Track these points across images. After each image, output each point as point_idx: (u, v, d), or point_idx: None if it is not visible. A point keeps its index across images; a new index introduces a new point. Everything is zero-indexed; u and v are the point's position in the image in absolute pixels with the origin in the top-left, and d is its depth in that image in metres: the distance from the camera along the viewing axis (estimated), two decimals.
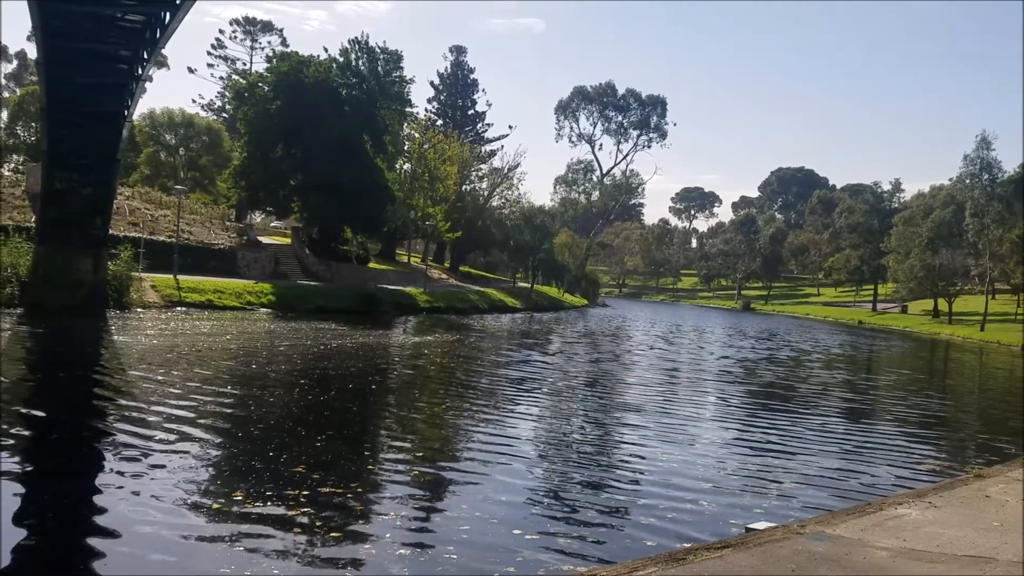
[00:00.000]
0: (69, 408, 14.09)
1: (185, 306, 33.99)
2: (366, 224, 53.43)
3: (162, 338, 24.59)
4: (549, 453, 13.02)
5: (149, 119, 69.86)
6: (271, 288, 40.16)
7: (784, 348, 43.49)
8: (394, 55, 56.00)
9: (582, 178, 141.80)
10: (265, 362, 21.59)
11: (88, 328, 26.15)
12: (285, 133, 49.71)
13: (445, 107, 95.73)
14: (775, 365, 32.77)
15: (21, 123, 62.67)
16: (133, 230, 40.61)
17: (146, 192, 52.59)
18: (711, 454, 13.28)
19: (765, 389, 24.51)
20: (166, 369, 18.58)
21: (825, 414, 19.46)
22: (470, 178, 79.17)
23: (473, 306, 55.75)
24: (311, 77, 49.90)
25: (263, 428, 13.19)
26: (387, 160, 56.15)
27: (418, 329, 37.70)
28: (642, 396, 20.28)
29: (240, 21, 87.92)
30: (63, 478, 9.88)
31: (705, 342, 44.35)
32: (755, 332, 57.28)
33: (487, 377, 22.47)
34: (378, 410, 16.75)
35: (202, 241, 45.26)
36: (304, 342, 26.44)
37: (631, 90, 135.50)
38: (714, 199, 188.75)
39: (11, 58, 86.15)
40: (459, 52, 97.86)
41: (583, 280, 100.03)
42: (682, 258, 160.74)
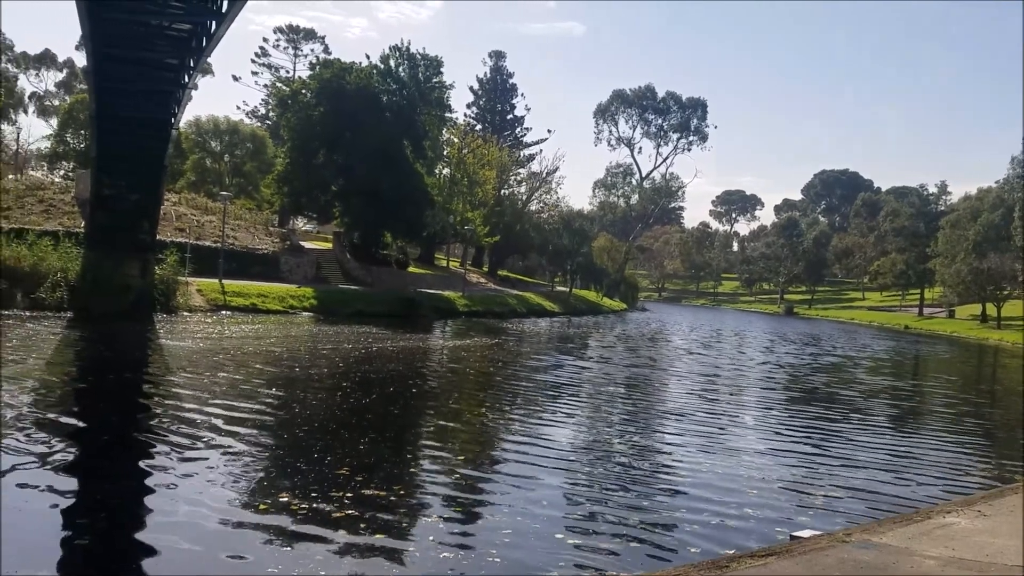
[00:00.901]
0: (118, 411, 14.43)
1: (230, 310, 34.58)
2: (406, 229, 53.85)
3: (208, 341, 25.06)
4: (589, 458, 13.01)
5: (195, 126, 71.18)
6: (313, 292, 40.67)
7: (828, 353, 42.84)
8: (434, 61, 56.47)
9: (621, 181, 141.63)
10: (308, 365, 21.90)
11: (136, 332, 26.71)
12: (327, 139, 50.34)
13: (484, 112, 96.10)
14: (818, 371, 32.30)
15: (71, 131, 64.14)
16: (180, 235, 41.43)
17: (192, 198, 53.64)
18: (754, 461, 13.15)
19: (808, 395, 24.19)
20: (212, 372, 18.94)
21: (870, 421, 19.15)
22: (509, 182, 79.35)
23: (511, 310, 55.85)
24: (353, 84, 50.48)
25: (307, 430, 13.40)
26: (427, 165, 56.54)
27: (457, 333, 37.88)
28: (682, 402, 20.16)
29: (284, 29, 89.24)
30: (112, 480, 10.13)
31: (746, 347, 43.87)
32: (798, 337, 56.52)
33: (525, 381, 22.51)
34: (418, 413, 16.89)
35: (246, 246, 46.02)
36: (345, 345, 26.74)
37: (671, 93, 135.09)
38: (756, 202, 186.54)
39: (61, 67, 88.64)
40: (498, 57, 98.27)
41: (622, 284, 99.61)
42: (723, 262, 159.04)
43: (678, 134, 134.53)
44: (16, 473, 9.50)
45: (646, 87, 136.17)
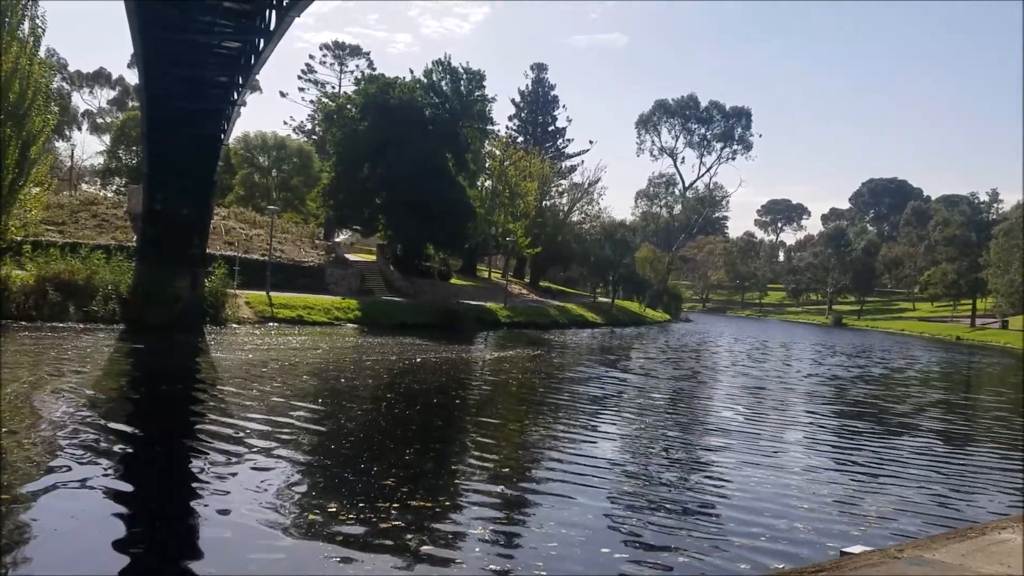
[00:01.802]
0: (169, 422, 14.79)
1: (277, 321, 35.14)
2: (448, 241, 54.26)
3: (256, 353, 25.50)
4: (634, 472, 12.96)
5: (244, 142, 72.57)
6: (357, 304, 41.13)
7: (877, 365, 42.02)
8: (476, 75, 56.92)
9: (664, 192, 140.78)
10: (353, 376, 22.17)
11: (186, 343, 27.28)
12: (371, 153, 50.99)
13: (526, 124, 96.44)
14: (868, 384, 31.70)
15: (123, 147, 65.76)
16: (229, 249, 42.26)
17: (241, 212, 54.69)
18: (802, 476, 12.97)
19: (857, 409, 23.75)
20: (260, 383, 19.27)
21: (922, 435, 18.75)
22: (550, 193, 79.42)
23: (553, 321, 55.80)
24: (396, 98, 51.13)
25: (354, 441, 13.57)
26: (469, 177, 56.92)
27: (499, 344, 37.98)
28: (727, 416, 19.95)
29: (330, 46, 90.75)
30: (162, 490, 10.39)
31: (793, 359, 43.24)
32: (847, 349, 55.52)
33: (568, 393, 22.49)
34: (462, 425, 16.98)
35: (293, 259, 46.75)
36: (389, 357, 27.00)
37: (714, 102, 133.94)
38: (802, 211, 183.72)
39: (113, 84, 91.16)
40: (540, 70, 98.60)
41: (665, 295, 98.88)
42: (769, 272, 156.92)
43: (721, 143, 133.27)
44: (70, 483, 9.77)
45: (689, 97, 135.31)
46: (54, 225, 38.25)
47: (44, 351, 21.20)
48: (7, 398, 14.26)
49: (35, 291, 27.32)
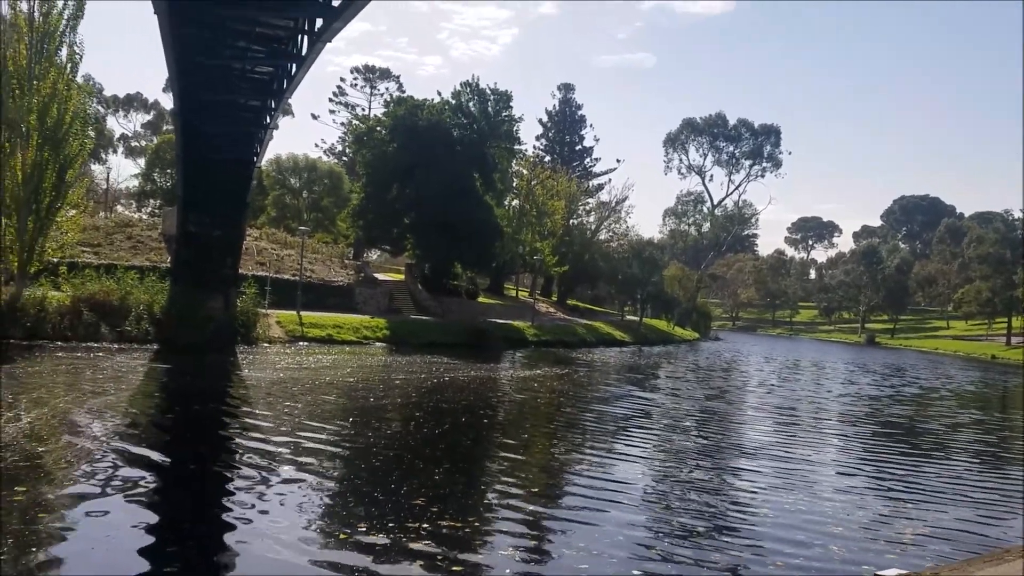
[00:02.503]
0: (200, 441, 14.96)
1: (307, 340, 35.45)
2: (475, 260, 54.48)
3: (286, 372, 25.74)
4: (663, 494, 12.88)
5: (276, 164, 73.61)
6: (386, 323, 41.37)
7: (911, 385, 41.36)
8: (503, 95, 57.35)
9: (692, 209, 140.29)
10: (382, 395, 22.29)
11: (218, 363, 27.61)
12: (400, 173, 51.49)
13: (553, 144, 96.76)
14: (901, 403, 31.23)
15: (158, 170, 66.96)
16: (260, 269, 42.78)
17: (272, 233, 55.40)
18: (835, 498, 12.81)
19: (891, 429, 23.40)
20: (290, 402, 19.45)
21: (956, 456, 18.43)
22: (577, 212, 79.48)
23: (581, 340, 55.66)
24: (425, 120, 51.65)
25: (383, 460, 13.64)
26: (496, 197, 57.22)
27: (527, 363, 37.96)
28: (758, 436, 19.76)
29: (360, 69, 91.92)
30: (193, 509, 10.51)
31: (825, 378, 42.70)
32: (880, 368, 54.72)
33: (595, 413, 22.40)
34: (491, 444, 16.99)
35: (323, 279, 47.19)
36: (418, 375, 27.10)
37: (743, 120, 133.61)
38: (833, 228, 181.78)
39: (148, 108, 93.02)
40: (567, 90, 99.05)
41: (694, 313, 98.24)
42: (799, 290, 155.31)
43: (750, 161, 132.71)
44: (102, 502, 9.92)
45: (717, 115, 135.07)
46: (90, 247, 39.00)
47: (79, 371, 21.57)
48: (44, 418, 14.54)
49: (71, 312, 27.80)
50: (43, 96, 26.22)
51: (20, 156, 26.16)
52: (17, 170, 26.24)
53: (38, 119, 26.17)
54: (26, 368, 20.79)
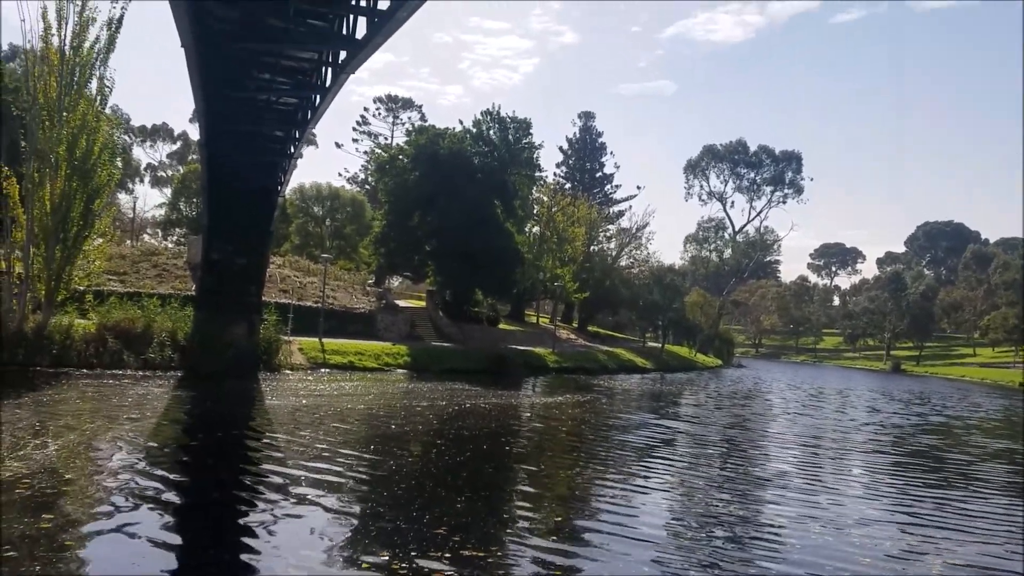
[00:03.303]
0: (223, 468, 15.02)
1: (329, 367, 35.59)
2: (496, 286, 54.59)
3: (308, 399, 25.84)
4: (687, 525, 12.75)
5: (299, 192, 74.46)
6: (407, 350, 41.46)
7: (937, 413, 40.74)
8: (523, 123, 57.82)
9: (713, 236, 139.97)
10: (403, 422, 22.30)
11: (241, 389, 27.76)
12: (421, 201, 51.88)
13: (573, 171, 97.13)
14: (928, 432, 30.77)
15: (183, 199, 67.88)
16: (283, 296, 43.10)
17: (296, 261, 55.87)
18: (862, 530, 12.63)
19: (917, 459, 23.05)
20: (312, 430, 19.51)
21: (984, 487, 18.10)
22: (598, 239, 79.54)
23: (602, 366, 55.44)
24: (446, 148, 52.11)
25: (405, 488, 13.64)
26: (517, 223, 57.45)
27: (547, 390, 37.84)
28: (783, 466, 19.54)
29: (383, 99, 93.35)
30: (216, 536, 10.55)
31: (850, 407, 42.17)
32: (905, 396, 53.98)
33: (617, 441, 22.28)
34: (512, 472, 16.92)
35: (345, 305, 47.44)
36: (439, 402, 27.10)
37: (763, 146, 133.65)
38: (856, 255, 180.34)
39: (175, 139, 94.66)
40: (587, 118, 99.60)
41: (716, 340, 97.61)
42: (823, 317, 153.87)
43: (772, 187, 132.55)
44: (126, 528, 9.99)
45: (738, 142, 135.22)
46: (116, 275, 39.50)
47: (105, 398, 21.79)
48: (70, 445, 14.69)
49: (96, 339, 28.14)
50: (72, 128, 26.71)
51: (49, 186, 26.61)
52: (46, 200, 26.68)
53: (67, 150, 26.64)
54: (52, 395, 21.03)
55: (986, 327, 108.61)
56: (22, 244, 27.19)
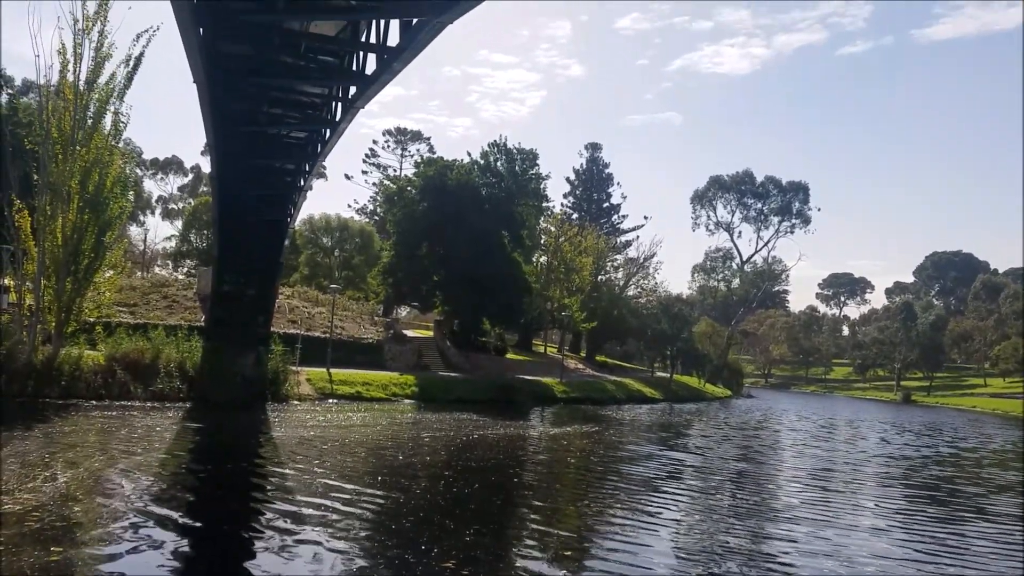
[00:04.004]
0: (231, 499, 15.04)
1: (336, 398, 35.59)
2: (503, 316, 54.69)
3: (316, 430, 25.83)
4: (696, 560, 12.68)
5: (308, 224, 75.00)
6: (414, 380, 41.44)
7: (948, 445, 40.40)
8: (530, 154, 58.32)
9: (721, 266, 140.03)
10: (411, 453, 22.26)
11: (249, 420, 27.79)
12: (429, 232, 52.21)
13: (580, 201, 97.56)
14: (939, 464, 30.50)
15: (194, 230, 68.43)
16: (292, 327, 43.24)
17: (304, 291, 56.12)
18: (873, 564, 12.54)
19: (929, 492, 22.85)
20: (319, 461, 19.50)
21: (999, 521, 17.92)
22: (605, 268, 79.67)
23: (610, 396, 55.24)
24: (454, 179, 52.53)
25: (413, 520, 13.61)
26: (524, 253, 57.70)
27: (556, 420, 37.71)
28: (793, 500, 19.42)
29: (392, 132, 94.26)
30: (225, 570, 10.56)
31: (860, 438, 41.86)
32: (917, 427, 53.56)
33: (626, 473, 22.17)
34: (521, 505, 16.85)
35: (352, 336, 47.55)
36: (447, 433, 27.05)
37: (770, 177, 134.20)
38: (865, 285, 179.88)
39: (187, 172, 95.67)
40: (594, 149, 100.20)
41: (725, 370, 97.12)
42: (833, 347, 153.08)
43: (779, 218, 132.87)
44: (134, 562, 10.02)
45: (744, 172, 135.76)
46: (126, 306, 39.74)
47: (113, 430, 21.84)
48: (79, 478, 14.73)
49: (105, 371, 28.25)
50: (86, 162, 27.00)
51: (61, 219, 26.86)
52: (57, 232, 26.92)
53: (80, 184, 26.93)
54: (61, 428, 21.11)
55: (996, 357, 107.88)
56: (33, 276, 27.42)
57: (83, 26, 26.09)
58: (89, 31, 26.20)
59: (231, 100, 22.78)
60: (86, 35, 26.24)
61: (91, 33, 26.27)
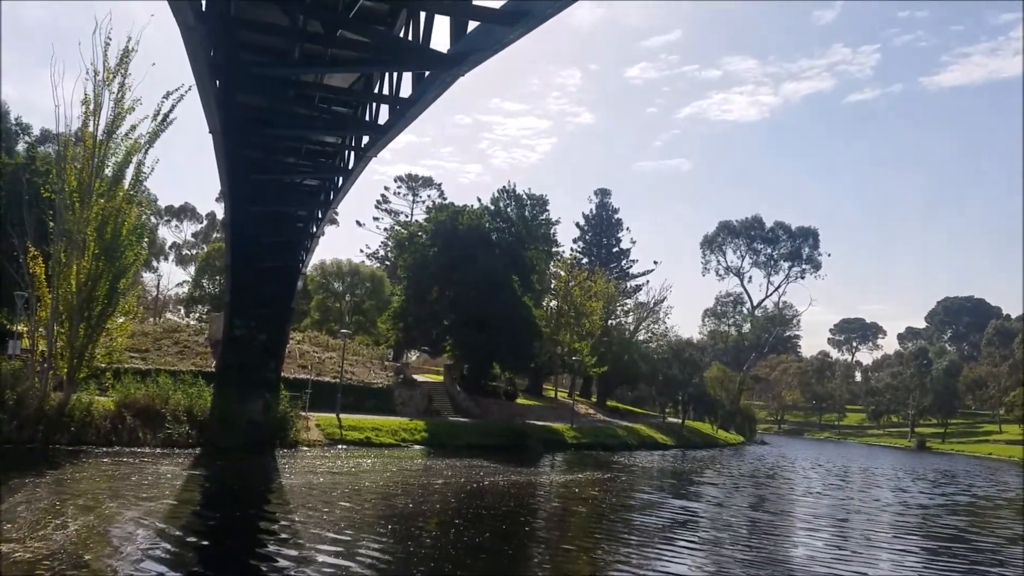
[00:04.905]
0: (241, 550, 14.95)
1: (345, 444, 35.47)
2: (514, 360, 54.62)
3: (325, 476, 25.72)
4: None
5: (320, 269, 75.45)
6: (424, 425, 41.32)
7: (964, 493, 39.79)
8: (539, 200, 58.87)
9: (732, 310, 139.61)
10: (421, 500, 22.13)
11: (258, 466, 27.71)
12: (440, 276, 52.49)
13: (590, 246, 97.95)
14: (954, 513, 30.03)
15: (206, 276, 68.92)
16: (302, 372, 43.32)
17: (315, 336, 56.31)
18: None
19: (946, 543, 22.47)
20: (329, 508, 19.39)
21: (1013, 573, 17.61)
22: (615, 313, 79.58)
23: (622, 442, 54.78)
24: (465, 224, 52.97)
25: (423, 571, 13.51)
26: (534, 298, 57.82)
27: (567, 466, 37.42)
28: (807, 551, 19.16)
29: (403, 178, 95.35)
30: None
31: (875, 486, 41.29)
32: (931, 474, 52.82)
33: (639, 523, 21.93)
34: (532, 555, 16.70)
35: (362, 380, 47.55)
36: (457, 480, 26.88)
37: (779, 222, 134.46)
38: (877, 330, 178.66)
39: (201, 219, 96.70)
40: (603, 195, 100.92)
41: (737, 415, 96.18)
42: (846, 392, 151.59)
43: (789, 263, 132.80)
44: None
45: (753, 218, 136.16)
46: (138, 352, 39.95)
47: (124, 477, 21.82)
48: (89, 525, 14.71)
49: (115, 417, 28.31)
50: (101, 209, 27.29)
51: (75, 266, 27.13)
52: (71, 279, 27.17)
53: (97, 232, 27.24)
54: (72, 474, 21.11)
55: (1011, 404, 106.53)
56: (46, 322, 27.64)
57: (104, 77, 26.68)
58: (110, 83, 26.77)
59: (246, 149, 23.20)
60: (106, 86, 26.82)
61: (111, 85, 26.85)
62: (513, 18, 10.51)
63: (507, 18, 10.64)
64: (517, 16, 10.41)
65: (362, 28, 15.04)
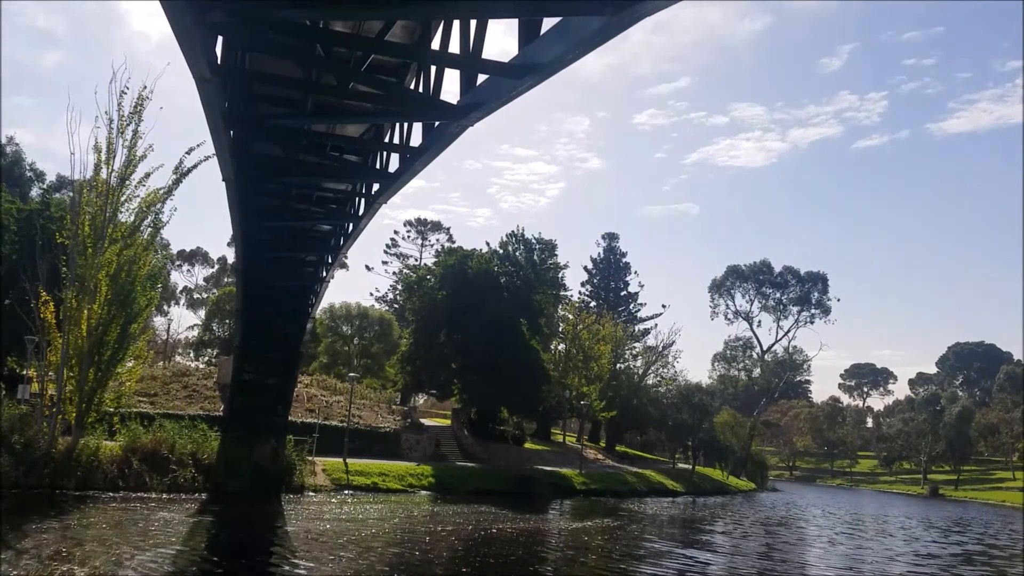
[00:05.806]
0: None
1: (352, 489, 35.24)
2: (522, 404, 54.40)
3: (331, 523, 25.56)
4: None
5: (329, 312, 75.60)
6: (431, 470, 41.05)
7: (977, 542, 39.13)
8: (548, 244, 59.19)
9: (741, 355, 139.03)
10: (428, 548, 21.93)
11: (264, 512, 27.54)
12: (448, 320, 52.60)
13: (598, 290, 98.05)
14: (967, 563, 29.55)
15: (216, 320, 69.22)
16: (310, 416, 43.24)
17: (323, 380, 56.31)
18: None
19: None
20: (335, 557, 19.26)
21: None
22: (624, 356, 79.29)
23: (631, 489, 54.20)
24: (474, 268, 53.26)
25: None
26: (542, 341, 57.80)
27: (576, 513, 37.03)
28: None
29: (413, 222, 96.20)
30: None
31: (888, 535, 40.67)
32: (944, 523, 51.99)
33: (649, 573, 21.66)
34: None
35: (370, 425, 47.40)
36: (465, 527, 26.65)
37: (788, 267, 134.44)
38: (888, 375, 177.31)
39: (213, 263, 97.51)
40: (611, 238, 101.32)
41: (748, 462, 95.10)
42: (857, 438, 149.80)
43: (798, 307, 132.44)
44: None
45: (762, 262, 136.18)
46: (146, 396, 40.01)
47: (130, 522, 21.75)
48: (97, 571, 14.66)
49: (122, 461, 28.24)
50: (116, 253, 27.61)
51: (87, 311, 27.34)
52: (82, 324, 27.36)
53: (111, 278, 27.54)
54: (78, 519, 21.08)
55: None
56: (56, 367, 27.77)
57: (118, 125, 27.22)
58: (123, 130, 27.32)
59: (258, 196, 23.53)
60: (120, 134, 27.36)
61: (125, 132, 27.39)
62: (521, 71, 10.73)
63: (515, 71, 10.87)
64: (525, 69, 10.63)
65: (374, 80, 15.35)
